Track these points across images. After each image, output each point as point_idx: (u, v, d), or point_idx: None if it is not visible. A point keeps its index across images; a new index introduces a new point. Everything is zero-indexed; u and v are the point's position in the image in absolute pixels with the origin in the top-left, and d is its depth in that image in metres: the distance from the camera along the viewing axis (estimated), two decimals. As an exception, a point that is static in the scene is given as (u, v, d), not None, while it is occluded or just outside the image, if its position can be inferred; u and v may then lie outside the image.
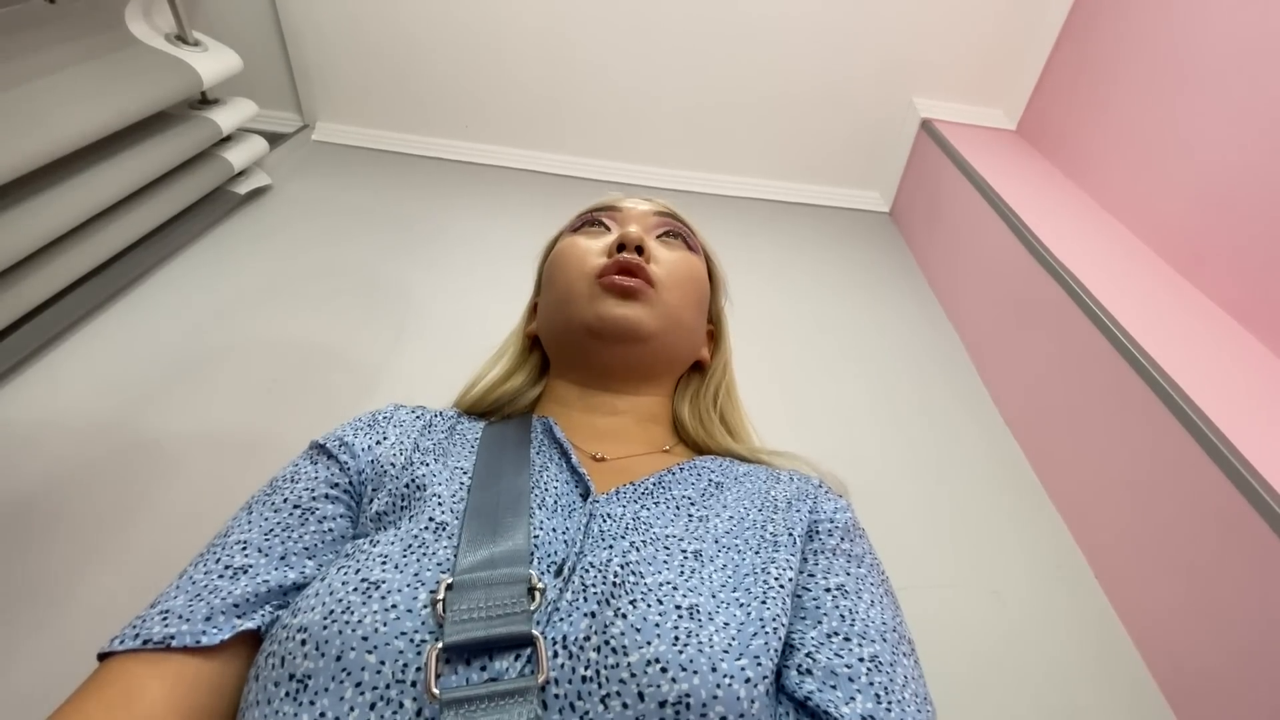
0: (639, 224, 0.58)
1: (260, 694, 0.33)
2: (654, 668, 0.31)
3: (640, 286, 0.52)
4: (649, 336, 0.52)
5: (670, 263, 0.56)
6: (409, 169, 1.53)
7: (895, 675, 0.36)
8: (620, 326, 0.51)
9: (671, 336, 0.54)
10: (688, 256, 0.58)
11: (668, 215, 0.61)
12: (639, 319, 0.51)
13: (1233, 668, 0.64)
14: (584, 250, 0.56)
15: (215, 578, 0.38)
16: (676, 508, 0.45)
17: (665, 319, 0.53)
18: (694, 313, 0.57)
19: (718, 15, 1.42)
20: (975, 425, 1.03)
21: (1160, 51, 1.11)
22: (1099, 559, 0.83)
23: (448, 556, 0.37)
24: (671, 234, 0.59)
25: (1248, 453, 0.66)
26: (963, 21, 1.43)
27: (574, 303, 0.53)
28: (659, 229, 0.59)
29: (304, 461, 0.47)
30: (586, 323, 0.52)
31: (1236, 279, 0.92)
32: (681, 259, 0.57)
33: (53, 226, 0.88)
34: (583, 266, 0.54)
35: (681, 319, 0.55)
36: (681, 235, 0.60)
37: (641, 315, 0.52)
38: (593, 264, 0.54)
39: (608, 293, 0.52)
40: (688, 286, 0.56)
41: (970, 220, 1.25)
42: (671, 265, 0.56)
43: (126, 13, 1.09)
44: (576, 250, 0.56)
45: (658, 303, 0.53)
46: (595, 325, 0.51)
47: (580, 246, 0.56)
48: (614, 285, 0.52)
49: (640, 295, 0.52)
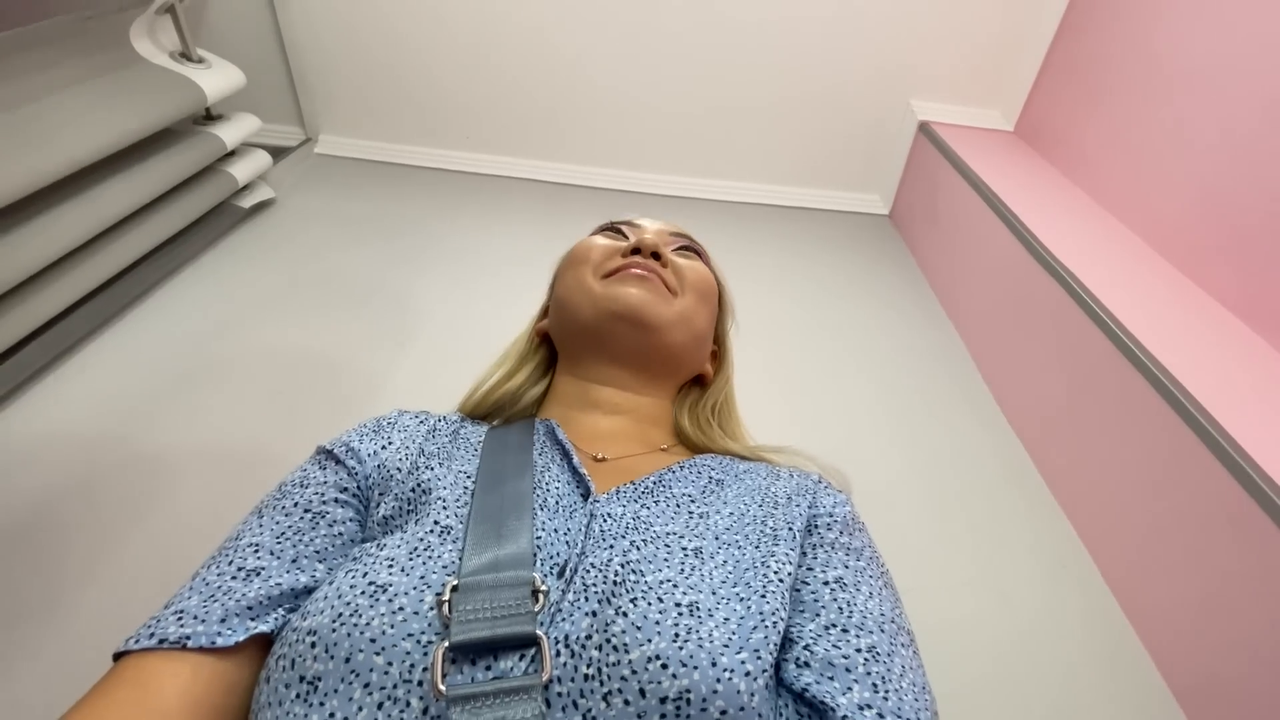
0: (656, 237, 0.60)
1: (271, 696, 0.34)
2: (654, 664, 0.32)
3: (653, 278, 0.54)
4: (660, 324, 0.53)
5: (687, 269, 0.58)
6: (411, 180, 1.54)
7: (893, 665, 0.36)
8: (631, 307, 0.52)
9: (681, 336, 0.56)
10: (705, 269, 0.60)
11: (683, 234, 0.63)
12: (648, 303, 0.53)
13: (1243, 666, 0.64)
14: (601, 247, 0.58)
15: (229, 579, 0.39)
16: (677, 506, 0.45)
17: (678, 317, 0.55)
18: (705, 321, 0.59)
19: (714, 23, 1.44)
20: (979, 426, 1.03)
21: (1156, 49, 1.11)
22: (1105, 558, 0.83)
23: (453, 559, 0.38)
24: (687, 249, 0.62)
25: (1251, 449, 0.66)
26: (959, 24, 1.43)
27: (587, 291, 0.55)
28: (675, 245, 0.61)
29: (312, 466, 0.47)
30: (597, 303, 0.53)
31: (1236, 274, 0.92)
32: (698, 267, 0.59)
33: (60, 243, 0.89)
34: (593, 260, 0.56)
35: (693, 322, 0.57)
36: (697, 252, 0.62)
37: (652, 301, 0.53)
38: (605, 261, 0.56)
39: (622, 280, 0.54)
40: (702, 292, 0.58)
41: (970, 221, 1.26)
42: (689, 273, 0.58)
43: (131, 31, 1.10)
44: (591, 245, 0.58)
45: (673, 302, 0.55)
46: (607, 304, 0.53)
47: (595, 243, 0.59)
48: (628, 273, 0.54)
49: (653, 286, 0.54)
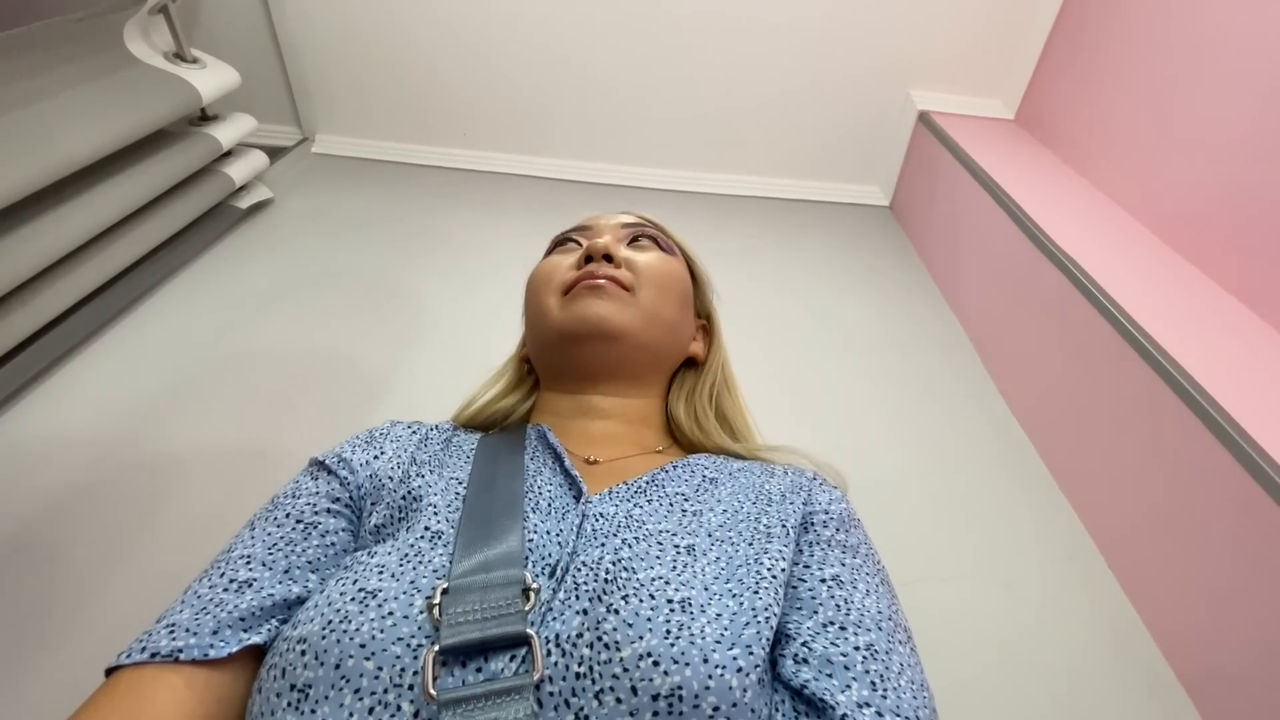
0: (608, 235, 0.59)
1: (264, 705, 0.33)
2: (646, 661, 0.32)
3: (609, 285, 0.53)
4: (620, 333, 0.52)
5: (643, 264, 0.57)
6: (408, 178, 1.54)
7: (891, 663, 0.36)
8: (590, 323, 0.52)
9: (650, 335, 0.55)
10: (661, 256, 0.59)
11: (636, 222, 0.62)
12: (608, 314, 0.52)
13: (1252, 655, 0.64)
14: (554, 267, 0.57)
15: (220, 591, 0.38)
16: (670, 504, 0.45)
17: (641, 318, 0.54)
18: (675, 310, 0.58)
19: (712, 17, 1.43)
20: (982, 416, 1.03)
21: (1157, 34, 1.10)
22: (1111, 548, 0.82)
23: (443, 563, 0.38)
24: (642, 238, 0.61)
25: (1258, 435, 0.66)
26: (958, 12, 1.42)
27: (548, 315, 0.54)
28: (628, 236, 0.60)
29: (304, 478, 0.47)
30: (559, 327, 0.53)
31: (1240, 260, 0.91)
32: (655, 259, 0.58)
33: (56, 246, 0.89)
34: (553, 281, 0.56)
35: (660, 316, 0.56)
36: (651, 237, 0.61)
37: (611, 310, 0.52)
38: (562, 278, 0.55)
39: (578, 297, 0.53)
40: (664, 283, 0.57)
41: (971, 211, 1.25)
42: (644, 266, 0.57)
43: (125, 32, 1.10)
44: (547, 268, 0.58)
45: (632, 303, 0.54)
46: (568, 326, 0.52)
47: (551, 264, 0.58)
48: (584, 286, 0.53)
49: (610, 294, 0.53)
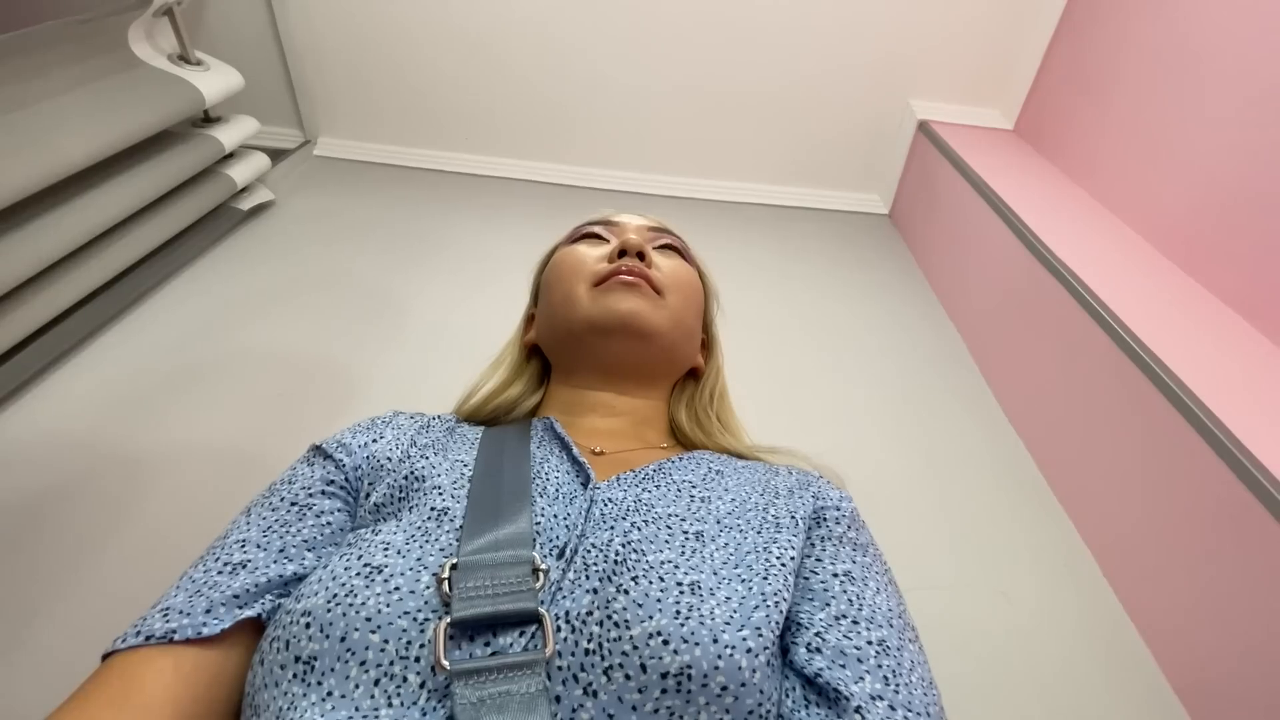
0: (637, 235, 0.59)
1: (267, 677, 0.34)
2: (655, 640, 0.32)
3: (643, 285, 0.53)
4: (654, 332, 0.53)
5: (670, 269, 0.57)
6: (411, 182, 1.54)
7: (902, 659, 0.36)
8: (623, 318, 0.52)
9: (674, 338, 0.56)
10: (684, 265, 0.60)
11: (662, 229, 0.63)
12: (645, 311, 0.52)
13: (1244, 663, 0.64)
14: (584, 256, 0.57)
15: (214, 574, 0.39)
16: (678, 490, 0.45)
17: (670, 321, 0.54)
18: (694, 318, 0.59)
19: (714, 24, 1.43)
20: (979, 425, 1.03)
21: (1156, 46, 1.11)
22: (1107, 557, 0.83)
23: (451, 542, 0.38)
24: (667, 246, 0.61)
25: (1254, 448, 0.66)
26: (958, 22, 1.43)
27: (576, 304, 0.54)
28: (655, 241, 0.60)
29: (301, 464, 0.48)
30: (591, 319, 0.53)
31: (1238, 272, 0.91)
32: (680, 267, 0.59)
33: (58, 246, 0.89)
34: (583, 271, 0.55)
35: (684, 323, 0.56)
36: (676, 248, 0.62)
37: (644, 308, 0.53)
38: (593, 269, 0.55)
39: (611, 290, 0.53)
40: (688, 292, 0.58)
41: (970, 220, 1.25)
42: (672, 271, 0.57)
43: (129, 34, 1.10)
44: (576, 256, 0.57)
45: (663, 305, 0.54)
46: (599, 318, 0.52)
47: (580, 253, 0.58)
48: (618, 281, 0.53)
49: (643, 292, 0.53)
